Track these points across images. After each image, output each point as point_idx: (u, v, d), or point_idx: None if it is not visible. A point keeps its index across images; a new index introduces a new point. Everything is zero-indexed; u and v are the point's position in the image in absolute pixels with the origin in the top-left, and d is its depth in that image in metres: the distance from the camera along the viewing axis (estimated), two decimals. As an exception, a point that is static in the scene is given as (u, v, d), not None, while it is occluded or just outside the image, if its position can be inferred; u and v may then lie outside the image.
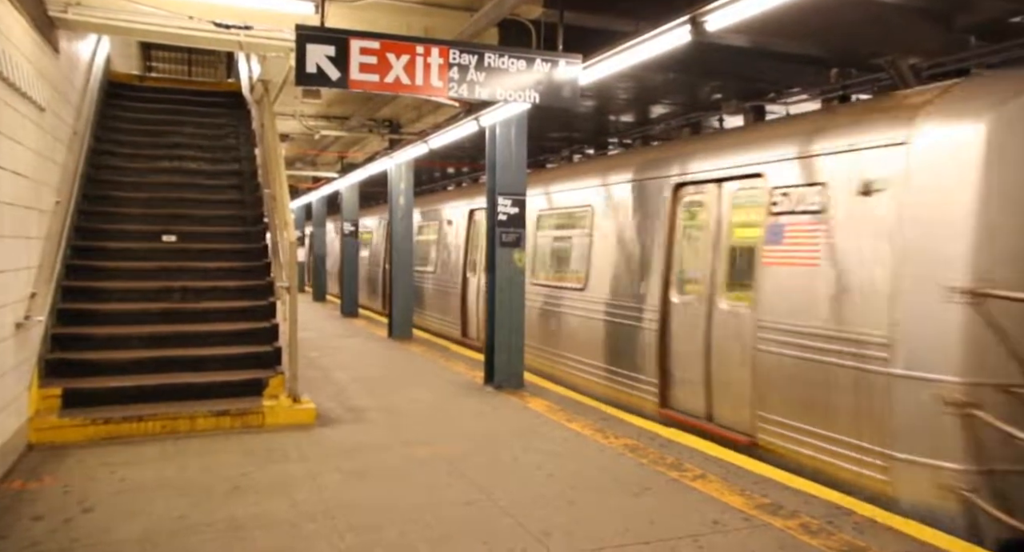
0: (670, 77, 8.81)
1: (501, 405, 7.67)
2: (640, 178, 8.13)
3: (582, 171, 9.91)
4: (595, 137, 13.47)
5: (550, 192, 10.25)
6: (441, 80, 5.46)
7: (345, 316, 16.71)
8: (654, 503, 4.73)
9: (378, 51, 5.21)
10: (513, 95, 5.76)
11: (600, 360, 8.49)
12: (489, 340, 8.57)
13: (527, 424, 6.86)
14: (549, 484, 5.13)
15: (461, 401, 7.87)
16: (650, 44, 5.35)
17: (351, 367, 9.96)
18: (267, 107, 9.02)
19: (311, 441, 6.19)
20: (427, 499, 4.78)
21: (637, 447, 6.01)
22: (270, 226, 8.38)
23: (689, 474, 5.30)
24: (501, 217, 8.42)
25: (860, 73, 7.48)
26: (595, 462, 5.64)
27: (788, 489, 4.98)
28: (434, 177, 20.69)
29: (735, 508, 4.60)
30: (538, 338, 9.73)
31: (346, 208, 16.87)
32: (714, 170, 6.88)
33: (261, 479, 5.15)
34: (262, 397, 6.86)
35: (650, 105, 10.94)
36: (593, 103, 10.58)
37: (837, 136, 5.53)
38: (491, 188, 8.53)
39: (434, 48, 5.40)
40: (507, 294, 8.46)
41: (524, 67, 5.73)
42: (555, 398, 7.99)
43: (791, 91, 8.61)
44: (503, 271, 8.44)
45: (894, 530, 4.22)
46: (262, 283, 8.16)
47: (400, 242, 13.02)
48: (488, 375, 8.60)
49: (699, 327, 6.87)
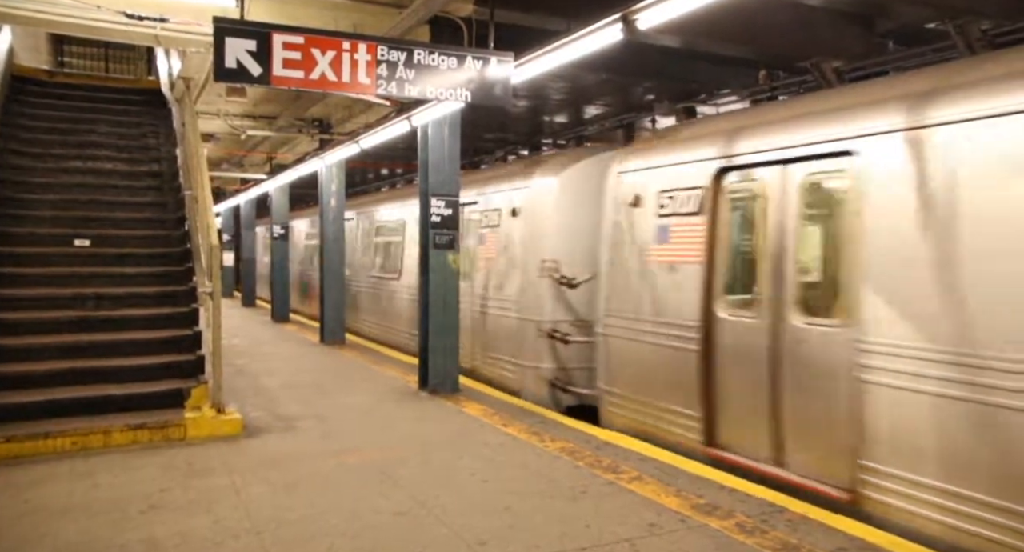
0: (603, 78, 8.82)
1: (436, 410, 7.52)
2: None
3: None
4: (529, 138, 13.43)
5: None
6: (369, 77, 5.29)
7: (276, 321, 16.23)
8: (591, 507, 4.67)
9: (302, 46, 5.00)
10: (444, 93, 5.64)
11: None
12: (423, 344, 8.40)
13: (462, 429, 6.73)
14: (485, 490, 5.02)
15: (395, 407, 7.69)
16: (583, 42, 5.30)
17: (281, 374, 9.64)
18: (188, 105, 8.65)
19: (237, 453, 5.92)
20: (359, 510, 4.61)
21: (574, 450, 5.96)
22: (192, 229, 8.02)
23: (625, 476, 5.27)
24: (435, 218, 8.27)
25: (787, 75, 7.63)
26: (531, 466, 5.56)
27: (724, 488, 4.99)
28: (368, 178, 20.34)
29: (671, 509, 4.58)
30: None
31: (276, 210, 16.40)
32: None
33: (182, 495, 4.88)
34: (184, 408, 6.53)
35: (584, 106, 10.95)
36: (527, 103, 10.52)
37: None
38: (424, 189, 8.37)
39: (361, 44, 5.23)
40: (441, 296, 8.31)
41: (455, 65, 5.61)
42: (491, 402, 7.88)
43: (722, 92, 8.73)
44: (437, 273, 8.29)
45: (825, 526, 4.26)
46: (184, 288, 7.80)
47: (331, 244, 12.71)
48: (422, 379, 8.43)
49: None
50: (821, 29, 6.79)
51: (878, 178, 4.50)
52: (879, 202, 4.47)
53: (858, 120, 4.71)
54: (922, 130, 4.30)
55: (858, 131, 4.67)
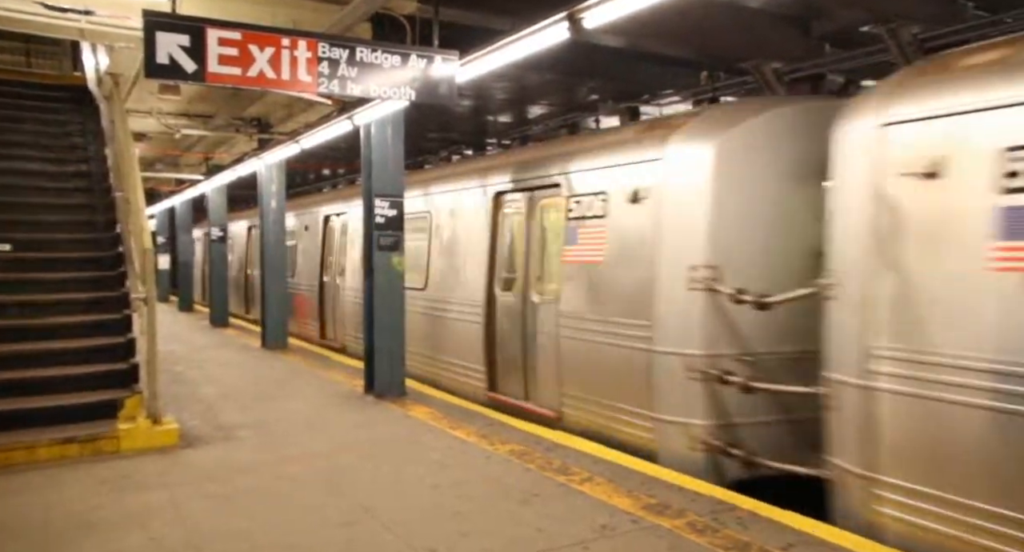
0: (548, 78, 8.82)
1: (382, 415, 7.38)
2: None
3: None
4: (474, 138, 13.36)
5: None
6: (310, 75, 5.13)
7: (215, 326, 15.75)
8: (542, 510, 4.62)
9: (239, 42, 4.82)
10: (388, 92, 5.52)
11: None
12: (368, 347, 8.24)
13: (410, 434, 6.61)
14: (434, 496, 4.93)
15: (340, 412, 7.51)
16: (529, 41, 5.25)
17: (220, 381, 9.33)
18: (118, 103, 8.28)
19: (174, 465, 5.67)
20: (303, 521, 4.46)
21: (523, 452, 5.91)
22: (124, 232, 7.68)
23: (576, 477, 5.24)
24: (379, 220, 8.12)
25: (729, 76, 7.74)
26: (481, 470, 5.49)
27: (674, 487, 5.01)
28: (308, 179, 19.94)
29: (623, 510, 4.56)
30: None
31: (213, 212, 15.92)
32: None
33: (114, 512, 4.63)
34: (117, 420, 6.23)
35: (528, 106, 10.95)
36: (471, 103, 10.45)
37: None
38: (367, 190, 8.21)
39: (301, 41, 5.06)
40: (386, 299, 8.16)
41: (399, 63, 5.50)
42: (438, 405, 7.77)
43: (665, 93, 8.81)
44: (382, 275, 8.14)
45: (775, 522, 4.31)
46: (116, 294, 7.46)
47: (272, 246, 12.38)
48: (368, 383, 8.26)
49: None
50: (760, 31, 6.92)
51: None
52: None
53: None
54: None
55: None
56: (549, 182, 7.19)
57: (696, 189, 5.60)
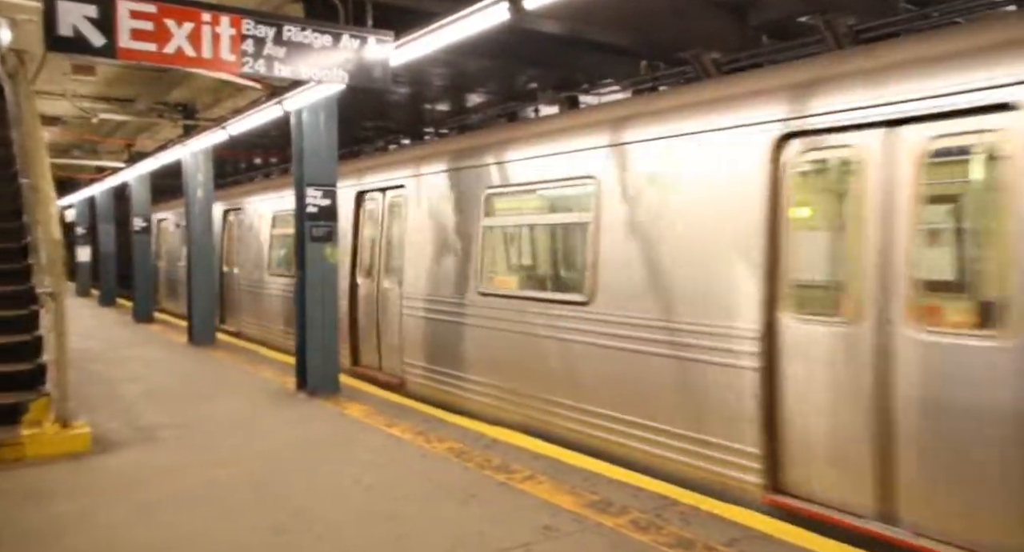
0: (486, 64, 8.61)
1: (315, 413, 7.08)
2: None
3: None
4: (411, 126, 13.04)
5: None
6: (234, 54, 4.80)
7: (138, 321, 15.03)
8: (482, 511, 4.46)
9: (155, 16, 4.46)
10: (318, 74, 5.23)
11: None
12: (300, 342, 7.91)
13: (344, 432, 6.35)
14: (369, 499, 4.71)
15: (270, 411, 7.18)
16: (468, 22, 5.04)
17: (142, 379, 8.84)
18: (23, 83, 7.70)
19: (86, 472, 5.28)
20: (231, 529, 4.18)
21: (462, 450, 5.73)
22: (31, 222, 7.15)
23: (517, 476, 5.09)
24: (311, 210, 7.79)
25: (668, 66, 7.68)
26: (418, 470, 5.29)
27: (615, 482, 4.91)
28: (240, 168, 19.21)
29: (566, 509, 4.43)
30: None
31: (136, 201, 15.16)
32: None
33: (17, 528, 4.25)
34: (20, 425, 5.77)
35: (467, 93, 10.71)
36: (408, 90, 10.16)
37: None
38: (299, 178, 7.86)
39: (224, 16, 4.73)
40: (319, 292, 7.85)
41: (330, 43, 5.21)
42: (374, 402, 7.52)
43: (604, 82, 8.71)
44: (315, 267, 7.81)
45: (717, 517, 4.24)
46: (21, 289, 6.93)
47: (199, 238, 11.84)
48: (300, 380, 7.94)
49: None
50: (698, 20, 6.87)
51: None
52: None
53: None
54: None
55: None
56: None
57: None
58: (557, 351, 6.28)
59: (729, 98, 5.10)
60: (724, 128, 4.94)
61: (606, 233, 5.79)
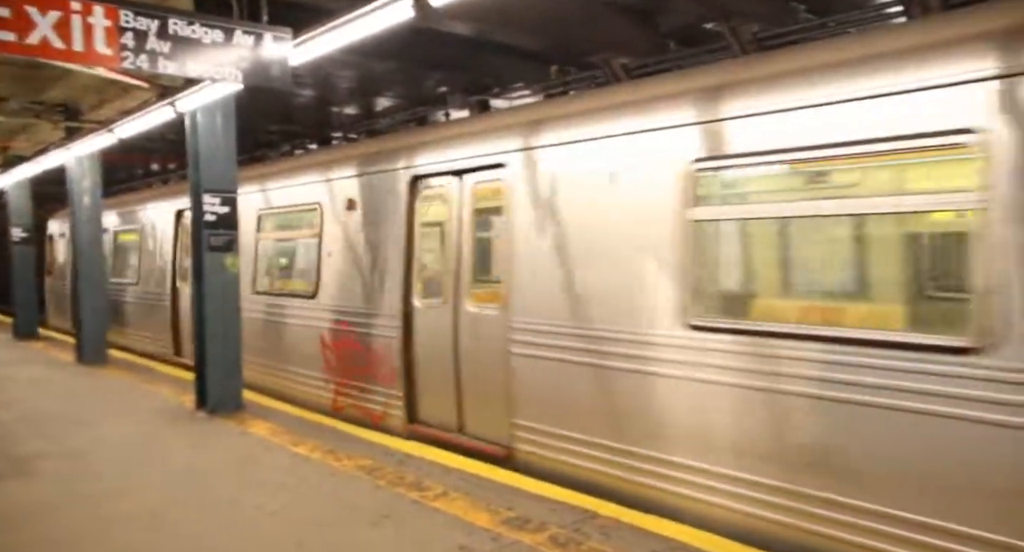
0: (394, 66, 8.36)
1: (215, 433, 6.65)
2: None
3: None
4: (318, 130, 12.61)
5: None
6: (110, 47, 4.40)
7: (19, 338, 13.94)
8: (394, 533, 4.23)
9: (12, 2, 4.01)
10: (210, 72, 4.88)
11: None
12: (199, 358, 7.44)
13: (247, 454, 5.97)
14: (273, 525, 4.40)
15: (166, 434, 6.70)
16: (372, 19, 4.80)
17: (21, 403, 8.12)
18: None
19: (-52, 512, 4.74)
20: (112, 572, 3.80)
21: (374, 467, 5.46)
22: None
23: (431, 493, 4.87)
24: (209, 217, 7.36)
25: (579, 70, 7.64)
26: (327, 491, 5.00)
27: (533, 497, 4.76)
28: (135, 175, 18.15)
29: (482, 527, 4.25)
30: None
31: (14, 210, 14.07)
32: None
33: None
34: None
35: (375, 97, 10.41)
36: (313, 93, 9.78)
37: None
38: (195, 184, 7.42)
39: (97, 6, 4.31)
40: (219, 304, 7.41)
41: (222, 39, 4.87)
42: (280, 419, 7.14)
43: (515, 86, 8.61)
44: (214, 278, 7.37)
45: (638, 529, 4.16)
46: None
47: (86, 249, 11.04)
48: (200, 398, 7.46)
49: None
50: (608, 24, 6.85)
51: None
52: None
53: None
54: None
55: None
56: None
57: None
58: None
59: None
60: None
61: None
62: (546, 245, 5.47)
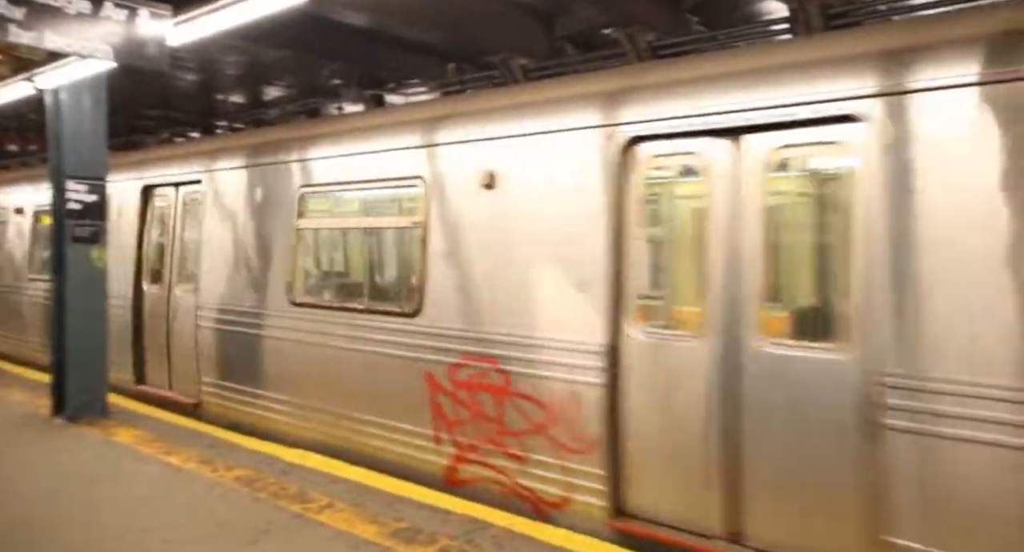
0: (285, 55, 7.98)
1: (75, 442, 6.10)
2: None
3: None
4: (202, 118, 11.92)
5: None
6: (-48, 12, 3.91)
7: None
8: (275, 550, 3.96)
9: None
10: (74, 45, 4.44)
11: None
12: (58, 359, 6.81)
13: (112, 464, 5.50)
14: (142, 545, 4.04)
15: (17, 444, 6.08)
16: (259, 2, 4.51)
17: None
18: None
19: None
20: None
21: (254, 478, 5.13)
22: None
23: (315, 505, 4.62)
24: (72, 206, 6.77)
25: (476, 69, 7.54)
26: (201, 504, 4.65)
27: (423, 507, 4.59)
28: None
29: (369, 541, 4.05)
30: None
31: None
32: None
33: None
34: None
35: (264, 86, 9.94)
36: (197, 77, 9.22)
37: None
38: (57, 170, 6.79)
39: (-63, -36, 3.83)
40: (83, 301, 6.81)
41: (89, 10, 4.44)
42: (150, 425, 6.63)
43: (411, 82, 8.42)
44: (76, 272, 6.77)
45: (532, 540, 4.07)
46: None
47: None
48: (58, 404, 6.81)
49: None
50: (507, 24, 6.79)
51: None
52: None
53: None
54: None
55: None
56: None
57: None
58: None
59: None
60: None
61: None
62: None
